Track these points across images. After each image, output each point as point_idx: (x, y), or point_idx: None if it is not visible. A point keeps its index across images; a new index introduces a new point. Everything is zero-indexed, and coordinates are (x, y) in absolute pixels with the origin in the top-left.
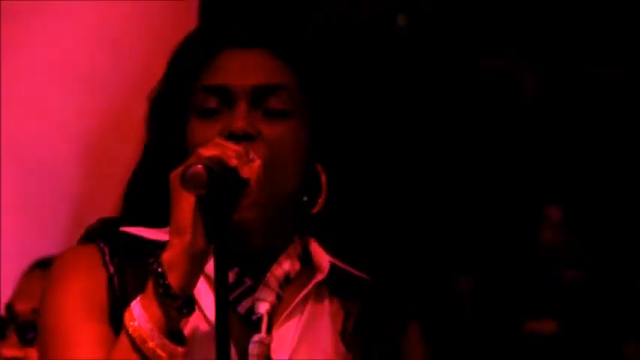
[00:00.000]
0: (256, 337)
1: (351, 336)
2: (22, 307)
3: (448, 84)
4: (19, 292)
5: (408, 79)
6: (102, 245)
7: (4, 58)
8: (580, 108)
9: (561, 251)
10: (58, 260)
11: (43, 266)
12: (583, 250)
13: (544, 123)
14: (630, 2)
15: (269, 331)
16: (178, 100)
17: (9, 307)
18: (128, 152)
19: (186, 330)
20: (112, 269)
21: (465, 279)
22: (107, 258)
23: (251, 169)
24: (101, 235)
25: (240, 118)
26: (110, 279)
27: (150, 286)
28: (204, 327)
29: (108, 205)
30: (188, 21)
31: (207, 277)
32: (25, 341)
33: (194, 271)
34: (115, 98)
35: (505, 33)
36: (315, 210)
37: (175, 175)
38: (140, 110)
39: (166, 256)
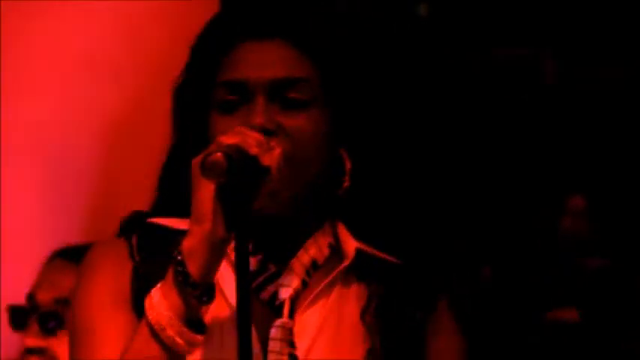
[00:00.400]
0: (278, 322)
1: (372, 317)
2: (44, 297)
3: (469, 72)
4: (40, 281)
5: (429, 68)
6: (130, 237)
7: (27, 48)
8: (602, 95)
9: (584, 239)
10: (88, 254)
11: (64, 255)
12: (607, 239)
13: (565, 110)
14: None
15: (291, 316)
16: (199, 95)
17: (30, 296)
18: (149, 141)
19: (209, 315)
20: (137, 259)
21: (487, 269)
22: (134, 249)
23: (272, 157)
24: (131, 226)
25: (258, 114)
26: (135, 269)
27: (170, 274)
28: (226, 313)
29: (129, 195)
30: (209, 9)
31: (230, 262)
32: (47, 331)
33: (214, 259)
34: (136, 87)
35: (526, 20)
36: (340, 193)
37: (195, 163)
38: (161, 99)
39: (186, 244)
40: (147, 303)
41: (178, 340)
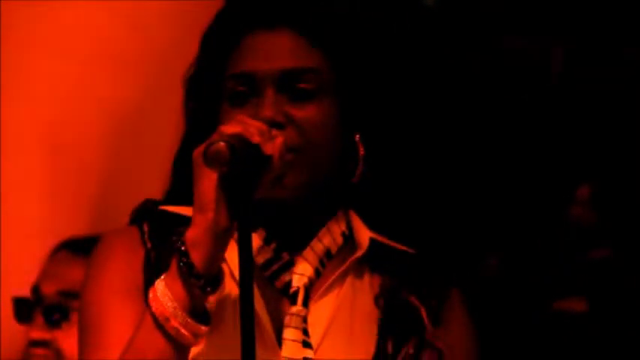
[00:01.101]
0: (293, 310)
1: (386, 303)
2: (48, 289)
3: (477, 63)
4: (45, 273)
5: (437, 59)
6: (142, 224)
7: (31, 43)
8: (610, 86)
9: (590, 229)
10: (100, 243)
11: (69, 247)
12: (613, 228)
13: (573, 100)
14: None
15: (305, 304)
16: (210, 86)
17: (35, 288)
18: (156, 134)
19: (220, 298)
20: (149, 245)
21: (494, 259)
22: (146, 236)
23: (274, 145)
24: (142, 214)
25: (267, 107)
26: (147, 255)
27: (174, 265)
28: (237, 296)
29: (134, 187)
30: (216, 3)
31: None
32: (52, 323)
33: (217, 249)
34: (143, 80)
35: (533, 10)
36: (355, 180)
37: (198, 152)
38: (168, 92)
39: (190, 234)
40: (151, 294)
41: (183, 330)
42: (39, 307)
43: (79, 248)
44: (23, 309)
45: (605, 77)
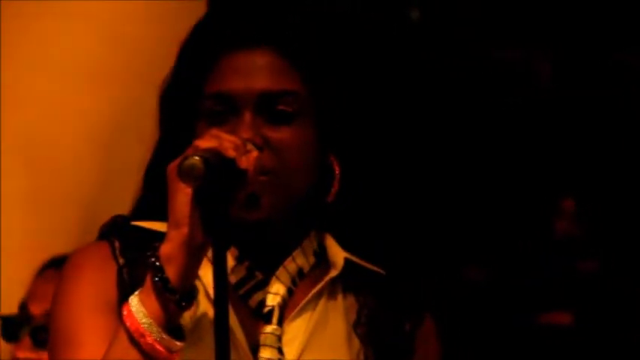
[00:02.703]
0: (268, 329)
1: (365, 329)
2: (36, 309)
3: (463, 76)
4: (32, 293)
5: (422, 73)
6: (113, 240)
7: (15, 56)
8: (597, 98)
9: (576, 242)
10: (70, 258)
11: (55, 265)
12: (598, 242)
13: (559, 113)
14: None
15: (280, 323)
16: (185, 102)
17: (22, 307)
18: (140, 149)
19: (196, 317)
20: (121, 261)
21: (474, 267)
22: (117, 252)
23: (248, 159)
24: (113, 230)
25: (245, 129)
26: (120, 271)
27: (148, 280)
28: (212, 314)
29: (119, 203)
30: (197, 11)
31: None
32: (39, 344)
33: (192, 264)
34: (126, 95)
35: (520, 23)
36: (329, 200)
37: (172, 167)
38: (148, 106)
39: (164, 249)
40: (124, 310)
41: (158, 346)
42: (26, 328)
43: None
44: (10, 328)
45: (593, 87)
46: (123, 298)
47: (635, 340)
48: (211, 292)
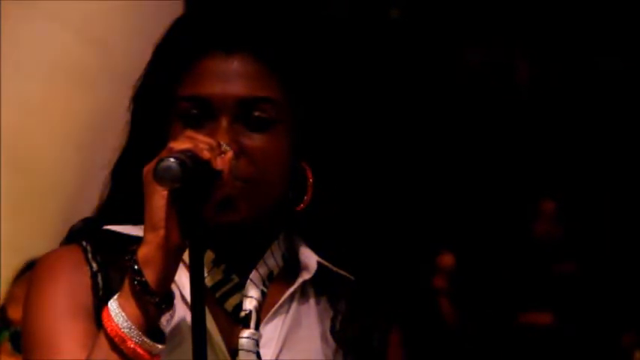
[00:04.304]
0: (246, 333)
1: (340, 334)
2: (15, 314)
3: (442, 75)
4: (12, 297)
5: (402, 72)
6: (85, 244)
7: None
8: (576, 99)
9: (555, 243)
10: (41, 261)
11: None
12: (577, 243)
13: (538, 113)
14: None
15: (257, 327)
16: (160, 104)
17: (2, 313)
18: (118, 148)
19: (174, 321)
20: (95, 266)
21: (447, 254)
22: (90, 256)
23: (223, 160)
24: (84, 233)
25: (222, 135)
26: (94, 276)
27: (127, 284)
28: (189, 317)
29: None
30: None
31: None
32: (19, 349)
33: (170, 266)
34: (104, 97)
35: (498, 22)
36: (302, 207)
37: (148, 169)
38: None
39: (142, 252)
40: (104, 315)
41: (139, 350)
42: (5, 332)
43: None
44: None
45: (572, 88)
46: (97, 302)
47: (614, 338)
48: (187, 295)
